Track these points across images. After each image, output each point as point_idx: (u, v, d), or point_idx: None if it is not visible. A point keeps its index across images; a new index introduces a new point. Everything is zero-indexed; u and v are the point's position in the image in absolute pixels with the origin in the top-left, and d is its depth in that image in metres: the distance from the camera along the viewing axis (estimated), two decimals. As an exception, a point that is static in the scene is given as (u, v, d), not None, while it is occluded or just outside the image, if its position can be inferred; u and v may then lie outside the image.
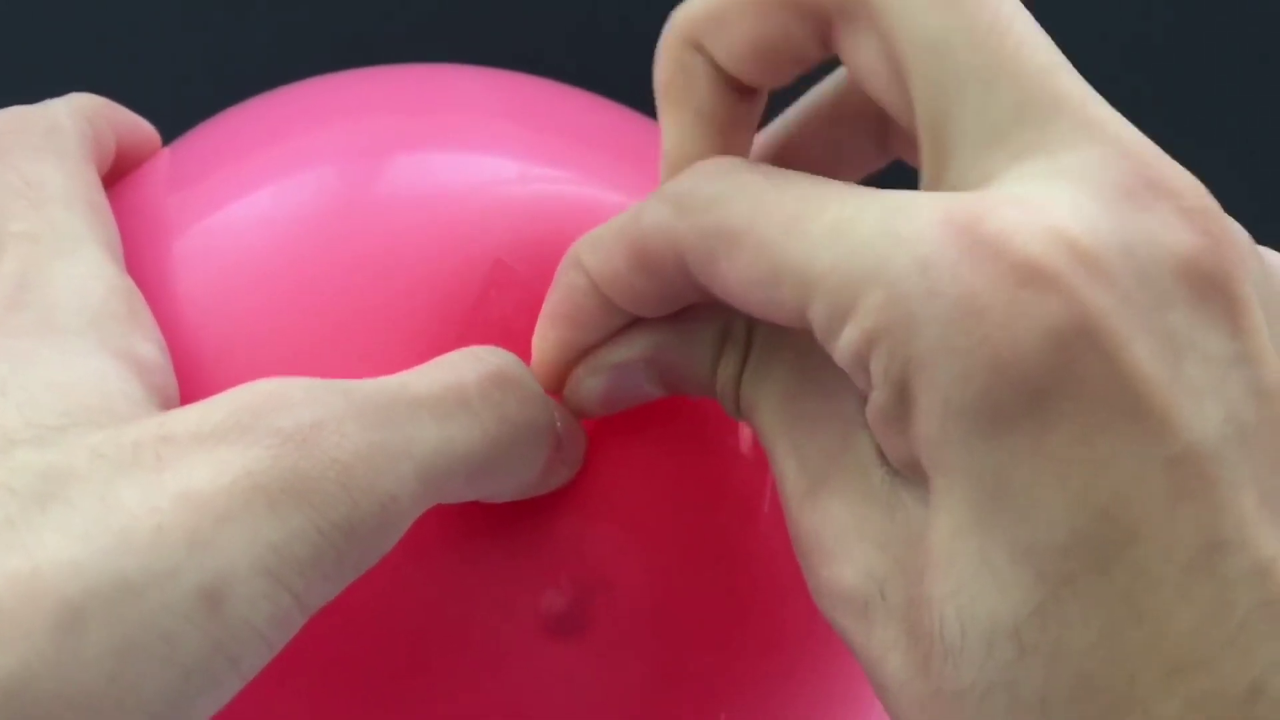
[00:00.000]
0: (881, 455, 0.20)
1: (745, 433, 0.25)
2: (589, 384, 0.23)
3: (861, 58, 0.20)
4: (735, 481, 0.25)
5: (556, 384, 0.24)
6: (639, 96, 0.27)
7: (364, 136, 0.27)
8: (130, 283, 0.23)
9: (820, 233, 0.19)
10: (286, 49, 0.49)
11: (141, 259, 0.25)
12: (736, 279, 0.20)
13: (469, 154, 0.26)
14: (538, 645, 0.23)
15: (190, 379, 0.23)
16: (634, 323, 0.23)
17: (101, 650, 0.17)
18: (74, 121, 0.26)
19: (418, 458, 0.20)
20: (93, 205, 0.24)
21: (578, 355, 0.23)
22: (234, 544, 0.18)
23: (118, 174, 0.28)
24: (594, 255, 0.22)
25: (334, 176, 0.26)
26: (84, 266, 0.22)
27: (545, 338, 0.24)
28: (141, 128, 0.28)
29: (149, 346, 0.22)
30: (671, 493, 0.24)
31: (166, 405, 0.21)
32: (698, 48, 0.22)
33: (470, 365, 0.22)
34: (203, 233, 0.25)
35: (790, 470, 0.21)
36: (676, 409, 0.25)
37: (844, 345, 0.19)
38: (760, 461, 0.25)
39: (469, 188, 0.25)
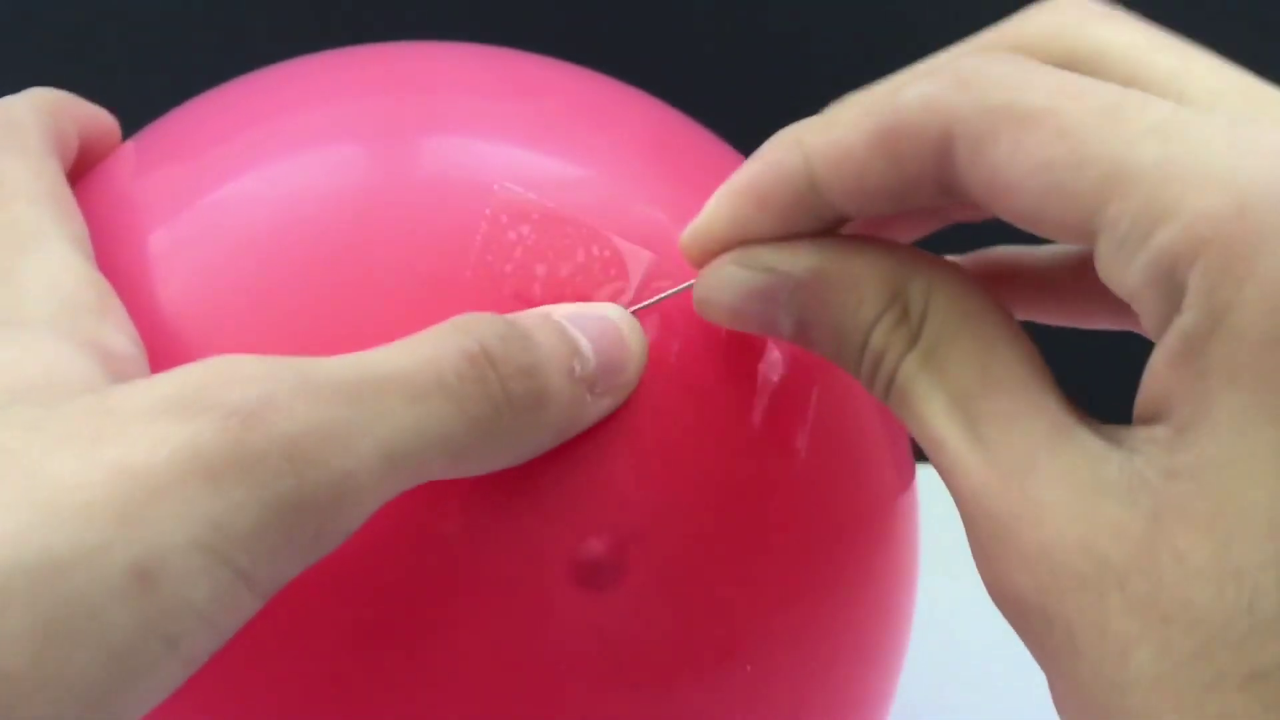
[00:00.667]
0: (1112, 442, 0.19)
1: (780, 375, 0.25)
2: (734, 276, 0.22)
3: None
4: (771, 427, 0.25)
5: (702, 261, 0.23)
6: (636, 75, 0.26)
7: (346, 119, 0.26)
8: (100, 276, 0.22)
9: (1145, 126, 0.18)
10: (257, 29, 0.48)
11: (112, 251, 0.24)
12: (1022, 162, 0.19)
13: (454, 135, 0.26)
14: (570, 596, 0.23)
15: (169, 359, 0.22)
16: (806, 239, 0.22)
17: (22, 629, 0.16)
18: (35, 117, 0.25)
19: (381, 437, 0.19)
20: (58, 200, 0.23)
21: (739, 240, 0.22)
22: (168, 518, 0.17)
23: (82, 168, 0.27)
24: (823, 132, 0.21)
25: (317, 162, 0.25)
26: (52, 260, 0.22)
27: (717, 209, 0.22)
28: (102, 119, 0.28)
29: (119, 337, 0.21)
30: (707, 441, 0.24)
31: (125, 376, 0.21)
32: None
33: (452, 341, 0.21)
34: (176, 223, 0.25)
35: (976, 463, 0.20)
36: (713, 350, 0.24)
37: (1156, 250, 0.17)
38: (796, 407, 0.25)
39: (458, 168, 0.25)
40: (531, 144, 0.26)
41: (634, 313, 0.24)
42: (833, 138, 0.21)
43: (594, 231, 0.24)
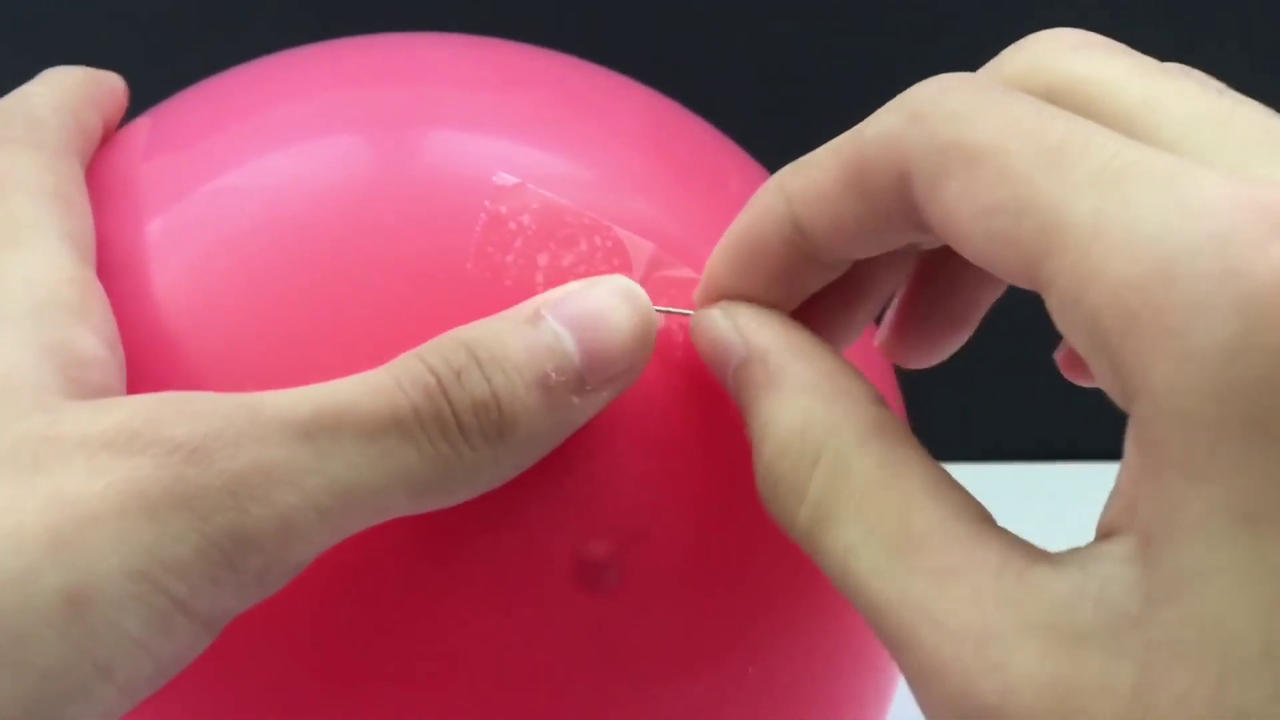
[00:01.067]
0: (1078, 573, 0.17)
1: None
2: (711, 319, 0.22)
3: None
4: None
5: (712, 300, 0.23)
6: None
7: (355, 107, 0.26)
8: (88, 275, 0.22)
9: (1086, 172, 0.16)
10: (270, 13, 0.48)
11: (106, 239, 0.24)
12: (967, 204, 0.18)
13: (451, 125, 0.26)
14: (571, 597, 0.23)
15: (169, 357, 0.23)
16: (782, 318, 0.22)
17: None
18: (56, 115, 0.25)
19: (332, 475, 0.19)
20: (63, 198, 0.23)
21: (744, 292, 0.22)
22: (102, 546, 0.17)
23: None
24: (800, 174, 0.21)
25: (313, 153, 0.25)
26: (38, 257, 0.22)
27: (716, 264, 0.22)
28: (118, 90, 0.28)
29: (91, 341, 0.21)
30: (710, 441, 0.24)
31: (94, 386, 0.20)
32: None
33: (410, 374, 0.20)
34: (169, 212, 0.25)
35: (922, 635, 0.18)
36: None
37: (1089, 311, 0.16)
38: None
39: (456, 159, 0.25)
40: (528, 134, 0.25)
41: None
42: (809, 178, 0.21)
43: (595, 221, 0.24)
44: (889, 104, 0.20)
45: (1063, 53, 0.20)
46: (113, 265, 0.24)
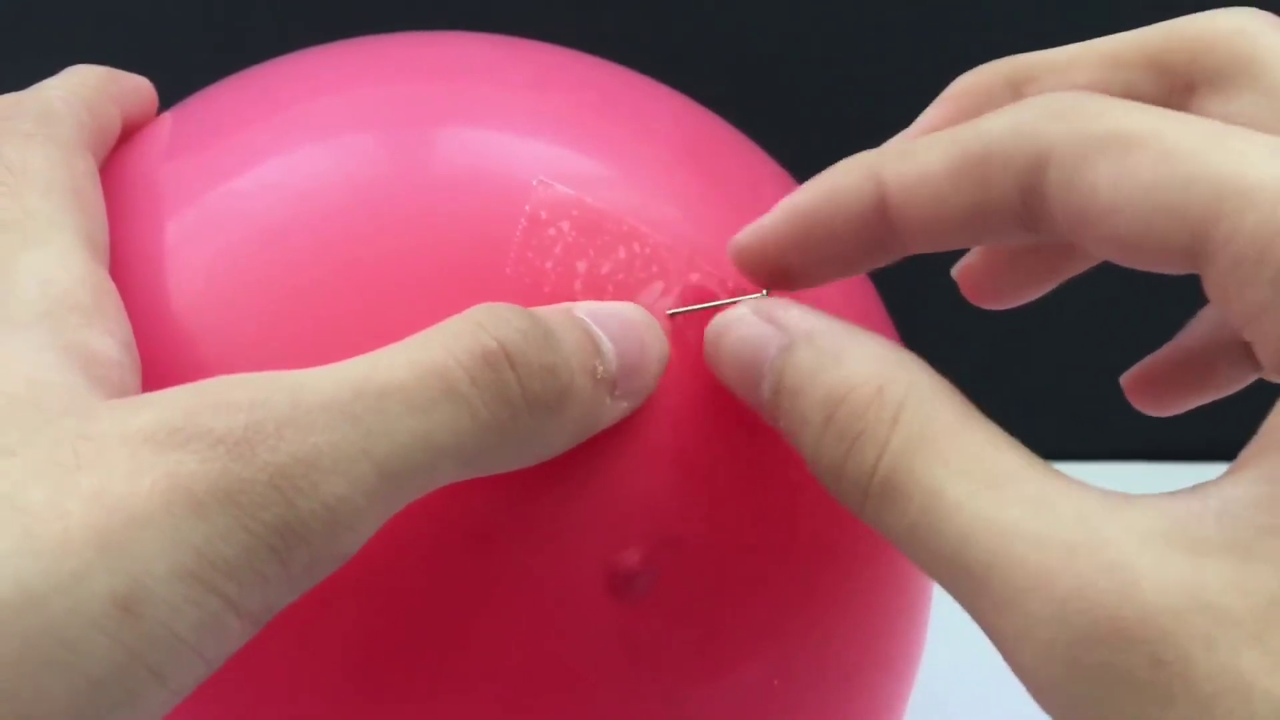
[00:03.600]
0: (1194, 500, 0.17)
1: None
2: (742, 316, 0.22)
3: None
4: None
5: (748, 266, 0.23)
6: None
7: (382, 105, 0.26)
8: (101, 275, 0.22)
9: (1256, 148, 0.17)
10: (293, 12, 0.48)
11: (140, 232, 0.24)
12: (1125, 183, 0.18)
13: (490, 127, 0.25)
14: (601, 605, 0.22)
15: (191, 358, 0.22)
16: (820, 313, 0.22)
17: None
18: (70, 108, 0.25)
19: (380, 456, 0.18)
20: (77, 194, 0.23)
21: (793, 255, 0.22)
22: (151, 548, 0.17)
23: (121, 139, 0.27)
24: (901, 159, 0.21)
25: (349, 151, 0.25)
26: (53, 256, 0.21)
27: (777, 221, 0.22)
28: (143, 91, 0.28)
29: (107, 342, 0.21)
30: (740, 448, 0.24)
31: (114, 386, 0.20)
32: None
33: (463, 341, 0.20)
34: (199, 209, 0.24)
35: (1024, 549, 0.18)
36: None
37: (1277, 262, 0.17)
38: None
39: (495, 161, 0.24)
40: (566, 138, 0.25)
41: (671, 318, 0.23)
42: (913, 164, 0.21)
43: (633, 228, 0.24)
44: (1003, 109, 0.20)
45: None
46: (136, 262, 0.24)
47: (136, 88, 0.27)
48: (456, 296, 0.22)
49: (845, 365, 0.21)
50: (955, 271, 0.27)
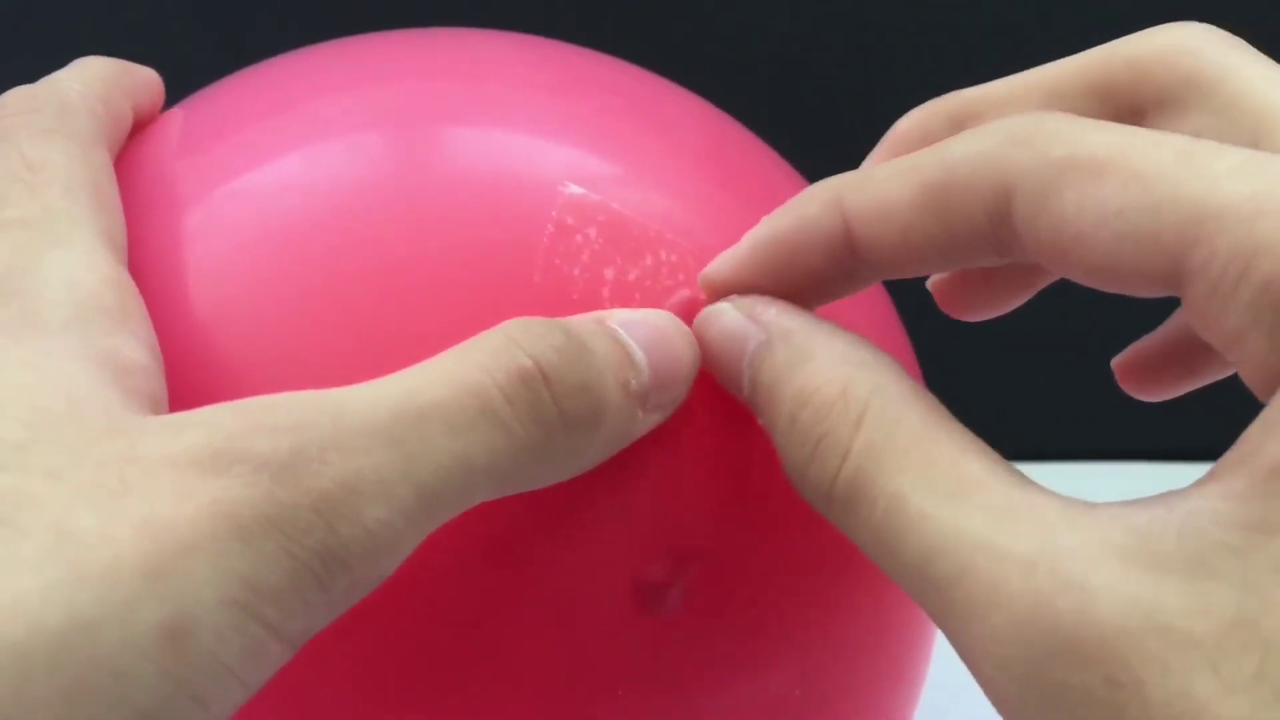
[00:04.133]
0: (1156, 511, 0.17)
1: None
2: (722, 311, 0.22)
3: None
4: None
5: (715, 299, 0.23)
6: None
7: (406, 104, 0.25)
8: (124, 275, 0.22)
9: (1226, 167, 0.17)
10: (292, 10, 0.47)
11: (156, 230, 0.24)
12: (1093, 211, 0.18)
13: (515, 129, 0.25)
14: (628, 618, 0.22)
15: (208, 360, 0.22)
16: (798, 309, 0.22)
17: (48, 693, 0.15)
18: (87, 102, 0.24)
19: (420, 479, 0.18)
20: (98, 191, 0.23)
21: (760, 288, 0.22)
22: (198, 575, 0.16)
23: (131, 132, 0.27)
24: (863, 189, 0.21)
25: (376, 146, 0.24)
26: (77, 256, 0.21)
27: (741, 255, 0.22)
28: (152, 84, 0.27)
29: (134, 346, 0.20)
30: (768, 460, 0.23)
31: (152, 410, 0.20)
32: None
33: (500, 359, 0.19)
34: (218, 208, 0.24)
35: (984, 560, 0.18)
36: None
37: (1258, 285, 0.16)
38: None
39: (521, 164, 0.24)
40: (591, 142, 0.25)
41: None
42: (874, 194, 0.21)
43: (659, 235, 0.23)
44: (965, 134, 0.20)
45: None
46: (153, 262, 0.23)
47: (147, 80, 0.27)
48: (484, 301, 0.22)
49: (813, 364, 0.21)
50: (930, 284, 0.27)
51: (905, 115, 0.23)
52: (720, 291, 0.23)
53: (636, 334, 0.22)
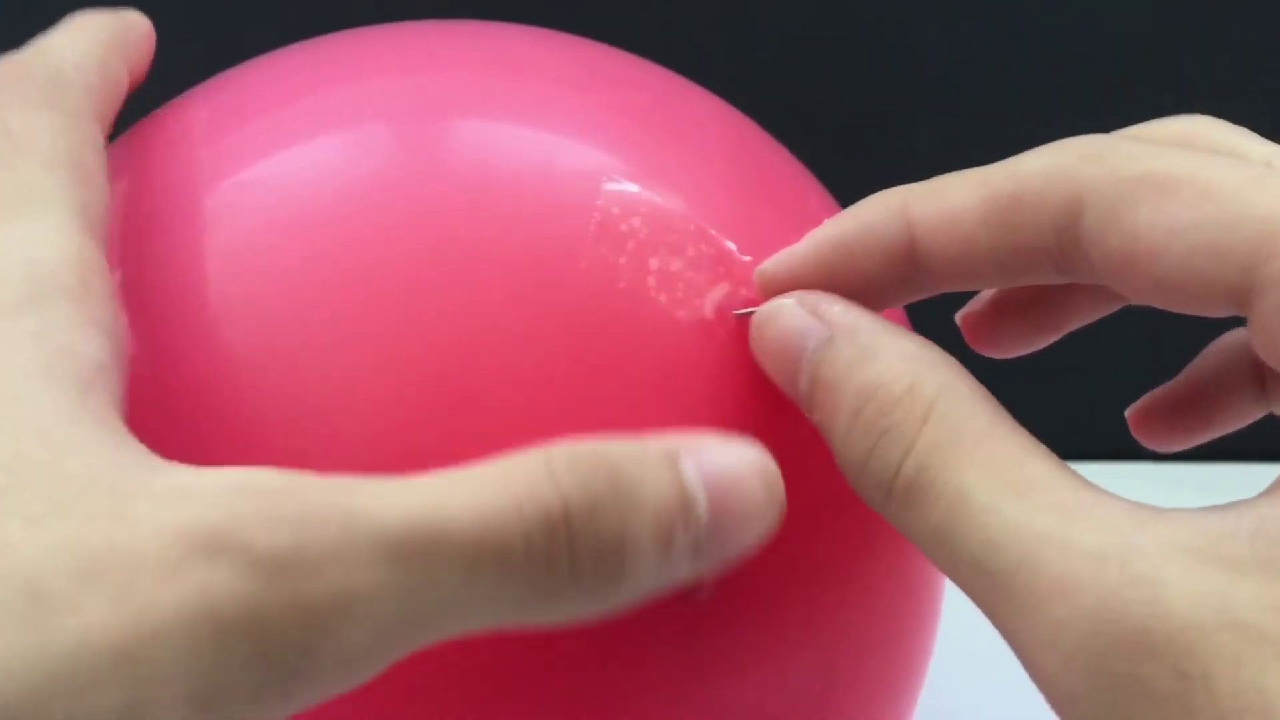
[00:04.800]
0: (1227, 516, 0.17)
1: None
2: (784, 308, 0.22)
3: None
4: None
5: (772, 295, 0.23)
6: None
7: (441, 91, 0.25)
8: (92, 253, 0.21)
9: None
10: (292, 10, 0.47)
11: (171, 214, 0.23)
12: (1166, 225, 0.18)
13: (556, 120, 0.25)
14: (665, 605, 0.21)
15: (222, 351, 0.22)
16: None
17: None
18: (82, 74, 0.23)
19: (413, 609, 0.17)
20: (79, 166, 0.22)
21: (818, 287, 0.22)
22: (166, 668, 0.16)
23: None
24: (930, 199, 0.21)
25: (411, 134, 0.24)
26: (43, 232, 0.20)
27: (803, 253, 0.22)
28: (145, 36, 0.26)
29: (91, 336, 0.19)
30: (802, 450, 0.23)
31: (113, 409, 0.19)
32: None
33: (535, 495, 0.18)
34: (255, 189, 0.24)
35: (1052, 555, 0.18)
36: None
37: None
38: None
39: (564, 154, 0.24)
40: (627, 136, 0.25)
41: (738, 319, 0.23)
42: (942, 205, 0.21)
43: (700, 228, 0.24)
44: (1038, 149, 0.20)
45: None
46: (176, 249, 0.23)
47: (141, 35, 0.26)
48: (535, 297, 0.22)
49: (879, 361, 0.21)
50: (959, 318, 0.27)
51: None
52: (776, 288, 0.23)
53: (705, 470, 0.19)
